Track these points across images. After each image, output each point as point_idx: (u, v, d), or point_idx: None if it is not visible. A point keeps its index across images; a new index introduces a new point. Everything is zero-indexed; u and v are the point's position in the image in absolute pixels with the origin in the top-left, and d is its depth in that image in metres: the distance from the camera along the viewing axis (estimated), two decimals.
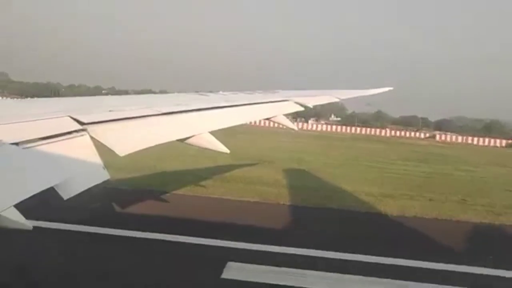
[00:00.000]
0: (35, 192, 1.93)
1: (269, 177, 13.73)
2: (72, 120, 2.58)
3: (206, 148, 3.35)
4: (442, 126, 75.85)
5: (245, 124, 4.40)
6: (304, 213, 9.95)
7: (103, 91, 63.04)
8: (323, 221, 9.31)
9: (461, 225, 9.85)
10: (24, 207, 1.85)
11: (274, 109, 4.77)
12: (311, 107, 5.32)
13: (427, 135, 61.76)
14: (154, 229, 7.69)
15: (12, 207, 1.79)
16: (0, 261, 5.64)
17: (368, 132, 60.53)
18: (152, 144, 2.88)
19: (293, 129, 5.44)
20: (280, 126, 5.12)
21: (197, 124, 3.49)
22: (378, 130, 62.10)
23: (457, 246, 8.06)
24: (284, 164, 17.51)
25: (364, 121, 72.52)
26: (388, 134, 60.33)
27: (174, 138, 3.19)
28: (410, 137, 58.16)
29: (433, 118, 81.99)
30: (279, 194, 11.42)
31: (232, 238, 7.38)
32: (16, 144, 2.14)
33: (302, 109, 5.15)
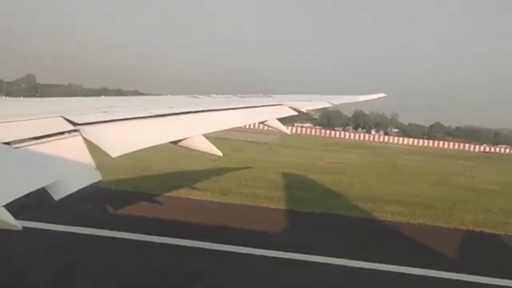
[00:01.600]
0: (25, 193, 1.91)
1: None
2: (64, 121, 2.56)
3: (199, 151, 3.34)
4: (493, 137, 69.17)
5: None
6: None
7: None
8: None
9: None
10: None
11: (268, 113, 4.77)
12: (305, 111, 5.33)
13: None
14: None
15: (2, 207, 1.77)
16: None
17: (440, 145, 56.93)
18: (145, 146, 2.86)
19: (286, 133, 5.43)
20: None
21: (190, 126, 3.49)
22: (450, 143, 58.64)
23: None
24: None
25: (424, 133, 69.99)
26: (472, 149, 55.56)
27: (167, 140, 3.18)
28: (500, 153, 52.75)
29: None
30: None
31: None
32: (8, 143, 2.12)
33: (295, 113, 5.15)
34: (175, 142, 3.22)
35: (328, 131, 61.91)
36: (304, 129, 63.72)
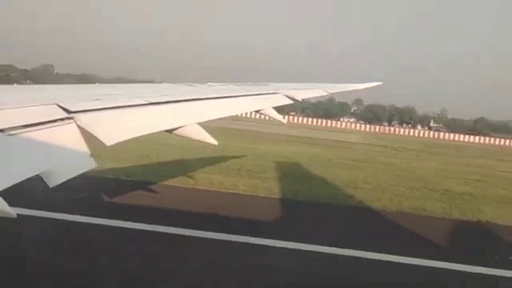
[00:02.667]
0: (20, 180, 1.91)
1: None
2: (59, 108, 2.55)
3: (194, 139, 3.34)
4: None
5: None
6: None
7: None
8: None
9: None
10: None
11: (264, 102, 4.76)
12: (300, 100, 5.33)
13: None
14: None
15: None
16: None
17: (505, 143, 51.51)
18: (140, 134, 2.86)
19: (282, 122, 5.41)
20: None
21: (186, 115, 3.48)
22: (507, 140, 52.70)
23: None
24: None
25: (467, 128, 65.96)
26: None
27: (162, 129, 3.17)
28: None
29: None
30: None
31: None
32: (1, 131, 2.12)
33: (291, 102, 5.14)
34: (170, 131, 3.21)
35: (382, 128, 59.70)
36: (352, 124, 59.91)
